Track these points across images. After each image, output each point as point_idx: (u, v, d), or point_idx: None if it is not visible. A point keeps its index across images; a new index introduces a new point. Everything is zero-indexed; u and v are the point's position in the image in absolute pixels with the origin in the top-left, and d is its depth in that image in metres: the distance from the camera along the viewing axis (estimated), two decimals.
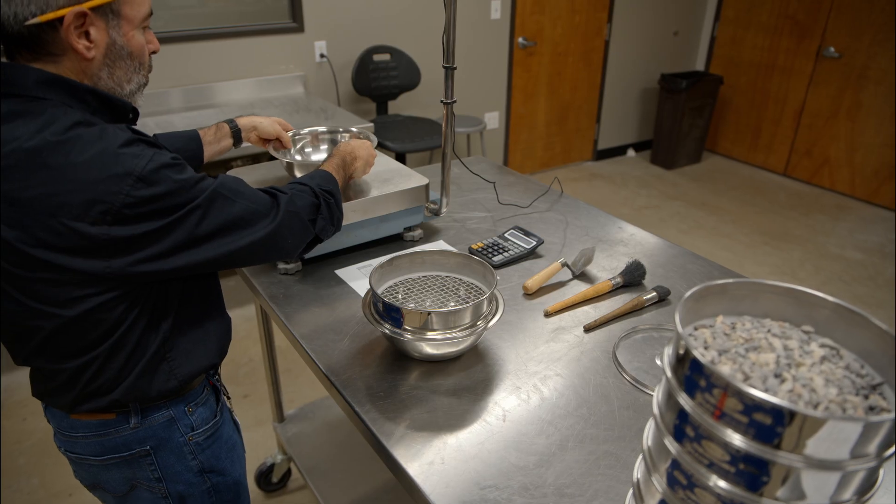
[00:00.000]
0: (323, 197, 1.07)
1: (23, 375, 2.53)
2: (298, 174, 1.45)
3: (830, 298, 0.64)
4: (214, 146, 1.35)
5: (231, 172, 1.60)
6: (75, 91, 0.86)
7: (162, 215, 0.84)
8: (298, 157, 1.61)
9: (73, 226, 0.80)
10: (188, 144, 1.31)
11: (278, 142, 1.47)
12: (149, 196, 0.82)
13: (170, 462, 1.04)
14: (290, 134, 1.50)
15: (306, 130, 1.63)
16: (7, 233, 0.81)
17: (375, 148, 1.45)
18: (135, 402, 0.98)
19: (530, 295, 1.35)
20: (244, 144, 1.41)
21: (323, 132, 1.65)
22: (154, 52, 0.97)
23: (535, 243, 1.50)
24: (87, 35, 0.84)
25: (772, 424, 0.52)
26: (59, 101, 0.84)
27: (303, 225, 1.02)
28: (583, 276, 1.42)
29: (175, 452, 1.05)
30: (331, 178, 1.15)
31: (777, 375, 0.57)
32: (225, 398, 1.19)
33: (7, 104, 0.83)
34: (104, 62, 0.88)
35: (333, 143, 1.65)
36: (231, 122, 1.39)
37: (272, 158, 1.65)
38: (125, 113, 0.93)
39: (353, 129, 1.64)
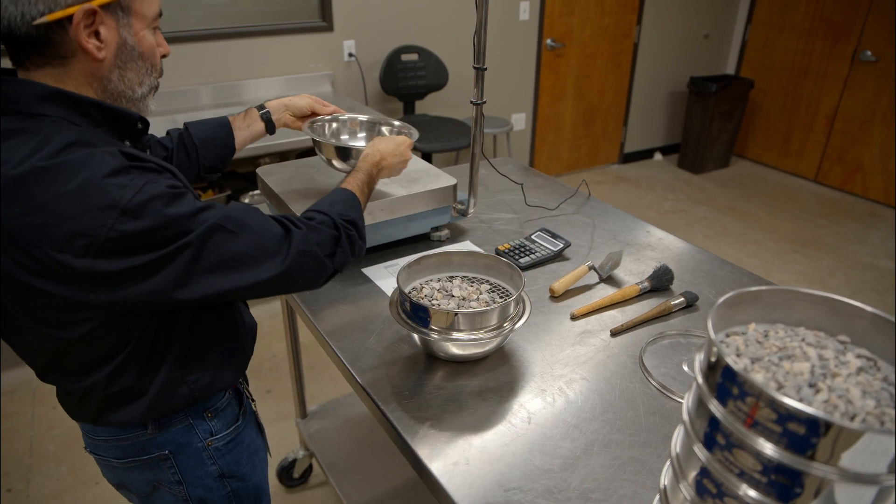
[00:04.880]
0: (344, 229, 0.98)
1: None
2: (337, 164, 1.39)
3: (868, 308, 0.63)
4: (245, 132, 1.32)
5: (259, 170, 1.61)
6: (78, 104, 0.81)
7: (149, 250, 0.78)
8: (334, 140, 1.49)
9: (57, 257, 0.76)
10: (217, 131, 1.28)
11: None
12: (134, 230, 0.76)
13: (189, 466, 1.03)
14: (326, 118, 1.44)
15: (345, 116, 1.51)
16: None
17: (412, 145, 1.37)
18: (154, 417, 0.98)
19: (557, 297, 1.34)
20: (279, 132, 1.36)
21: (362, 120, 1.55)
22: (164, 56, 0.93)
23: (562, 246, 1.50)
24: (97, 35, 0.80)
25: (806, 435, 0.51)
26: (58, 116, 0.80)
27: (318, 264, 0.93)
28: (610, 280, 1.41)
29: (194, 457, 1.03)
30: (354, 201, 1.06)
31: (812, 385, 0.56)
32: (249, 401, 1.16)
33: (5, 121, 0.79)
34: (115, 63, 0.84)
35: (372, 131, 1.56)
36: (260, 106, 1.35)
37: (301, 156, 1.62)
38: (132, 124, 0.89)
39: (395, 123, 1.53)
